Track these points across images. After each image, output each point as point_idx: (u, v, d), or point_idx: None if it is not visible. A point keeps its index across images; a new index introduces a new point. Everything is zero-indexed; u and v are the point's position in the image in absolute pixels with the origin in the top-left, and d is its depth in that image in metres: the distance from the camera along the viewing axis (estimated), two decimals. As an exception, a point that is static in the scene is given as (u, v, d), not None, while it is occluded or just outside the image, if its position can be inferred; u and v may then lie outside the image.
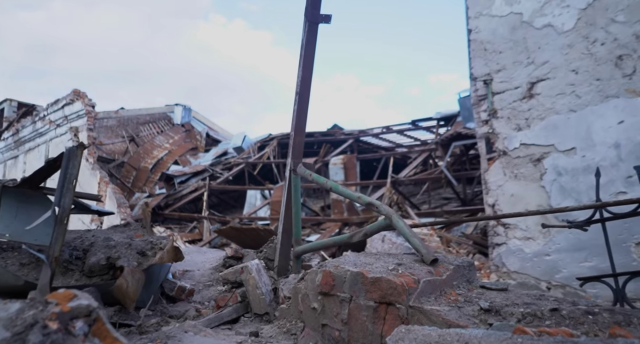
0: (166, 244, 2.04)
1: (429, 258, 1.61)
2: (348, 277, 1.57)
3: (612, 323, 1.16)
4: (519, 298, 1.47)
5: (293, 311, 1.77)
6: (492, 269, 5.43)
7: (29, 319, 0.94)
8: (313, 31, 2.26)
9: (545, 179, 4.98)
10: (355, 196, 1.95)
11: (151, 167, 17.19)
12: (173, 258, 2.06)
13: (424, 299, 1.47)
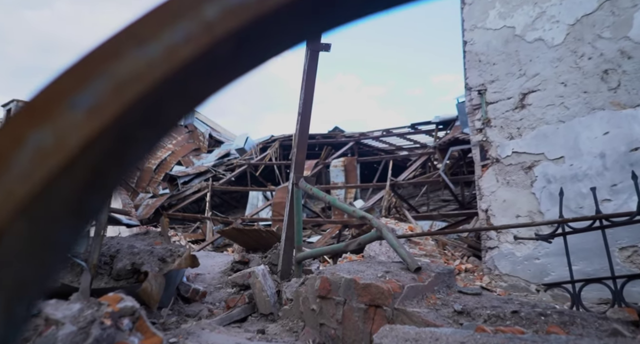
0: (184, 252, 2.30)
1: (414, 266, 1.85)
2: (343, 283, 1.81)
3: (559, 322, 1.41)
4: (489, 301, 1.72)
5: (294, 311, 2.02)
6: (485, 272, 5.67)
7: (89, 316, 1.19)
8: (314, 58, 2.51)
9: (535, 186, 5.21)
10: (350, 210, 2.19)
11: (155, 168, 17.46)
12: (190, 265, 2.31)
13: (407, 302, 1.71)
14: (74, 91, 0.25)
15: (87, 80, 0.25)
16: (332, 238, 8.31)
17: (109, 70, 0.26)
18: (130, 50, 0.26)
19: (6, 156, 0.22)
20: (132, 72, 0.26)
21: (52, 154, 0.23)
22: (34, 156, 0.23)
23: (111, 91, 0.25)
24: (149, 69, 0.26)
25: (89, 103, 0.25)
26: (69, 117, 0.24)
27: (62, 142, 0.24)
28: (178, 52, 0.26)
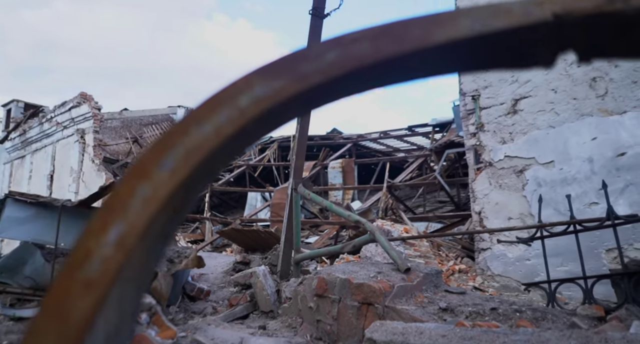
0: (190, 253, 2.45)
1: (403, 267, 2.00)
2: (338, 282, 1.96)
3: (532, 318, 1.56)
4: (471, 299, 1.87)
5: (293, 309, 2.16)
6: (478, 273, 5.83)
7: (112, 312, 1.33)
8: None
9: (526, 189, 5.37)
10: (346, 214, 2.34)
11: (154, 168, 17.58)
12: (196, 265, 2.46)
13: (397, 300, 1.86)
14: (161, 157, 0.40)
15: (169, 150, 0.40)
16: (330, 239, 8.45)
17: (181, 143, 0.41)
18: (193, 129, 0.42)
19: (126, 202, 0.37)
20: (195, 144, 0.41)
21: (152, 200, 0.38)
22: (142, 201, 0.38)
23: (183, 156, 0.40)
24: (205, 141, 0.41)
25: (171, 166, 0.40)
26: (160, 176, 0.39)
27: (157, 192, 0.38)
28: (223, 129, 0.42)
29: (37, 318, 0.31)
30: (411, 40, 0.44)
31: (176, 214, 0.41)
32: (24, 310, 2.15)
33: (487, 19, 0.43)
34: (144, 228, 0.37)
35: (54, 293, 0.32)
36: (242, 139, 0.44)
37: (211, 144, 0.42)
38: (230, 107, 0.43)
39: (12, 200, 2.76)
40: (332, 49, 0.46)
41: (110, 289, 0.32)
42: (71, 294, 0.31)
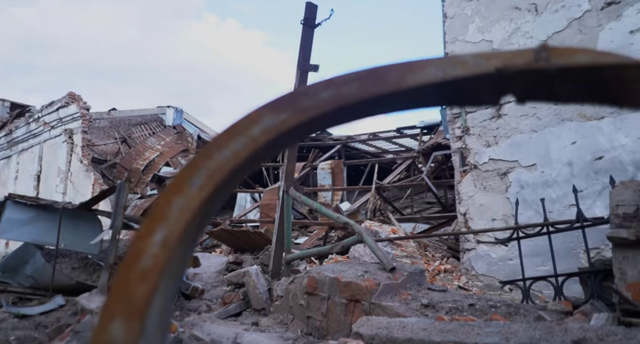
0: (186, 254, 2.52)
1: (389, 266, 2.12)
2: (327, 281, 2.07)
3: (505, 313, 1.69)
4: (452, 296, 1.99)
5: (284, 306, 2.27)
6: (463, 272, 5.99)
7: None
8: (304, 78, 2.78)
9: (510, 191, 5.55)
10: (335, 216, 2.46)
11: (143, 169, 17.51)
12: (192, 265, 2.56)
13: (383, 297, 1.98)
14: (191, 176, 0.51)
15: (197, 171, 0.51)
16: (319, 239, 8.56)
17: (206, 164, 0.52)
18: (215, 153, 0.53)
19: (166, 212, 0.48)
20: (217, 166, 0.52)
21: (186, 211, 0.49)
22: (178, 212, 0.48)
23: (208, 176, 0.51)
24: (225, 164, 0.52)
25: (199, 183, 0.51)
26: (191, 191, 0.50)
27: (189, 205, 0.49)
28: (239, 154, 0.53)
29: (108, 300, 0.41)
30: (389, 84, 0.56)
31: (203, 221, 0.51)
32: (28, 308, 2.22)
33: (447, 68, 0.55)
34: (181, 232, 0.48)
35: (120, 281, 0.42)
36: (254, 161, 0.55)
37: (230, 166, 0.53)
38: (245, 135, 0.54)
39: (12, 202, 2.82)
40: (326, 88, 0.57)
41: (161, 279, 0.43)
42: (132, 282, 0.42)
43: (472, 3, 6.00)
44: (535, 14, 5.36)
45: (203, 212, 0.52)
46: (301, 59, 2.79)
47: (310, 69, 2.82)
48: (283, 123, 0.55)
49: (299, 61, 2.79)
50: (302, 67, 2.80)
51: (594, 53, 0.47)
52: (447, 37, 6.30)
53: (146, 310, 0.41)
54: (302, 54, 2.80)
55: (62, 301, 2.29)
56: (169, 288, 0.47)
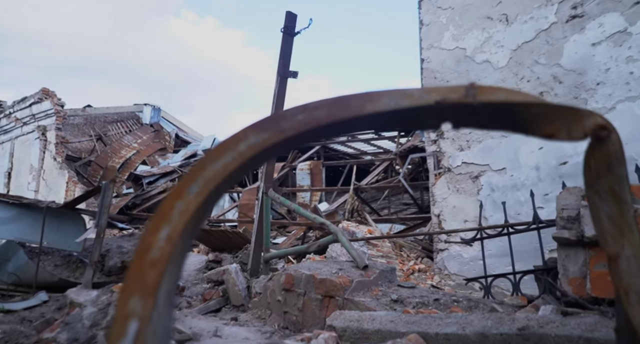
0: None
1: (362, 264, 2.26)
2: (303, 278, 2.19)
3: (466, 307, 1.84)
4: (419, 292, 2.14)
5: (263, 302, 2.37)
6: (436, 272, 6.20)
7: (105, 300, 1.53)
8: (283, 84, 2.89)
9: (481, 193, 5.78)
10: (312, 217, 2.58)
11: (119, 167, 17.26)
12: (174, 263, 2.62)
13: (355, 293, 2.11)
14: (189, 184, 0.62)
15: (194, 180, 0.63)
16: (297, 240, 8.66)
17: (201, 174, 0.63)
18: (209, 165, 0.64)
19: (169, 213, 0.59)
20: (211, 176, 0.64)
21: (185, 212, 0.60)
22: (179, 213, 0.59)
23: (204, 184, 0.63)
24: (217, 174, 0.64)
25: (196, 190, 0.62)
26: (189, 196, 0.61)
27: (188, 207, 0.60)
28: (229, 166, 0.64)
29: (126, 282, 0.52)
30: (352, 110, 0.69)
31: (199, 220, 0.63)
32: (12, 303, 2.26)
33: (398, 99, 0.68)
34: (182, 230, 0.59)
35: (134, 267, 0.53)
36: (241, 172, 0.67)
37: (221, 176, 0.65)
38: (234, 151, 0.66)
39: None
40: (301, 112, 0.70)
41: (167, 266, 0.54)
42: (145, 268, 0.53)
43: (447, 11, 6.22)
44: (506, 24, 5.60)
45: (199, 213, 0.63)
46: (281, 65, 2.90)
47: (289, 76, 2.94)
48: (265, 141, 0.67)
49: (279, 68, 2.91)
50: (281, 74, 2.91)
51: (508, 92, 0.61)
52: (423, 43, 6.51)
53: (157, 290, 0.52)
54: (282, 61, 2.91)
55: (46, 297, 2.34)
56: (173, 273, 0.58)
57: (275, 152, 0.69)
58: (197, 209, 0.62)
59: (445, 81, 6.22)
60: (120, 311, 0.50)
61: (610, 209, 0.53)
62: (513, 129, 0.63)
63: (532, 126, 0.60)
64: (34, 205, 2.91)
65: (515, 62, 5.53)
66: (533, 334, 1.28)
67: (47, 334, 1.36)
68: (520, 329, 1.30)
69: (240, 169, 0.66)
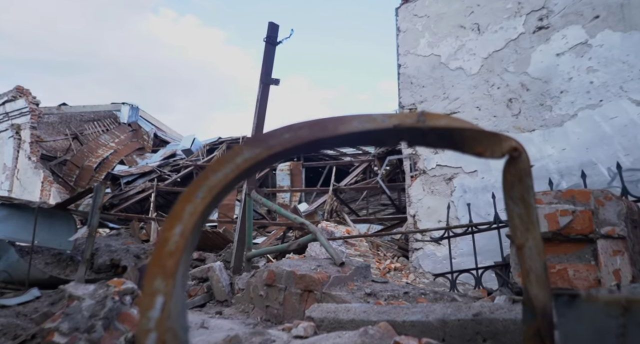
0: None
1: (339, 261, 2.42)
2: (284, 274, 2.34)
3: (432, 298, 2.03)
4: (391, 287, 2.32)
5: (246, 297, 2.51)
6: (411, 270, 6.43)
7: (102, 294, 1.65)
8: (266, 91, 3.03)
9: (454, 195, 6.03)
10: (292, 217, 2.72)
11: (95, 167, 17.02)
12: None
13: (332, 288, 2.27)
14: (196, 191, 0.77)
15: (199, 186, 0.78)
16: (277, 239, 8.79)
17: (205, 183, 0.79)
18: (211, 175, 0.80)
19: (180, 214, 0.74)
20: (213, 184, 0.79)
21: (194, 214, 0.75)
22: (189, 214, 0.74)
23: (207, 190, 0.78)
24: (218, 182, 0.79)
25: (201, 195, 0.77)
26: (196, 201, 0.76)
27: (196, 209, 0.75)
28: (228, 176, 0.80)
29: (150, 267, 0.67)
30: (328, 130, 0.85)
31: (204, 220, 0.78)
32: (6, 299, 2.33)
33: (365, 123, 0.84)
34: (191, 227, 0.74)
35: (156, 256, 0.68)
36: (238, 180, 0.82)
37: (222, 184, 0.80)
38: (232, 163, 0.81)
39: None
40: (287, 132, 0.86)
41: (182, 255, 0.69)
42: (164, 257, 0.67)
43: (422, 19, 6.46)
44: (478, 33, 5.87)
45: (204, 214, 0.78)
46: (264, 73, 3.05)
47: (272, 83, 3.09)
48: (257, 155, 0.82)
49: (261, 76, 3.06)
50: (264, 81, 3.06)
51: (449, 119, 0.78)
52: (400, 49, 6.73)
53: (175, 273, 0.67)
54: (264, 69, 3.06)
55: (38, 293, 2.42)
56: (186, 260, 0.73)
57: (266, 164, 0.85)
58: (203, 211, 0.77)
59: (421, 86, 6.46)
60: (148, 289, 0.64)
61: (520, 211, 0.71)
62: (452, 148, 0.80)
63: (466, 146, 0.77)
64: (25, 205, 2.98)
65: (486, 69, 5.80)
66: (485, 319, 1.47)
67: (49, 324, 1.47)
68: (475, 315, 1.49)
69: (237, 178, 0.81)
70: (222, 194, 0.82)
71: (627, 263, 1.50)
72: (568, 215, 1.59)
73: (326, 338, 1.52)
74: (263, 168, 0.88)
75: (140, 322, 0.62)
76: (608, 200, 1.60)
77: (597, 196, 1.61)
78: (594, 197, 1.60)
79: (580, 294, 0.59)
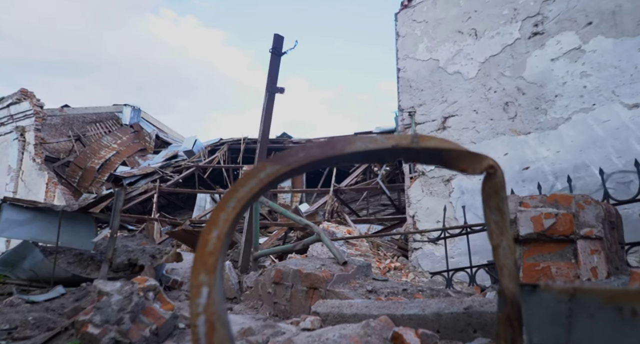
0: (170, 250, 2.89)
1: (342, 261, 2.58)
2: (291, 272, 2.50)
3: (429, 295, 2.18)
4: (391, 284, 2.48)
5: (254, 295, 2.67)
6: (411, 269, 6.58)
7: (128, 290, 1.80)
8: (271, 99, 3.19)
9: (452, 196, 6.19)
10: (297, 219, 2.88)
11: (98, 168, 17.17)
12: (175, 260, 2.91)
13: (336, 285, 2.43)
14: (228, 201, 0.93)
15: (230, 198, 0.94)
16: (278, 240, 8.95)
17: (235, 195, 0.95)
18: (240, 188, 0.96)
19: (217, 222, 0.90)
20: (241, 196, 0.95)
21: (227, 221, 0.91)
22: (223, 221, 0.90)
23: (237, 201, 0.94)
24: (245, 195, 0.95)
25: (232, 205, 0.93)
26: (228, 210, 0.92)
27: (228, 217, 0.91)
28: (253, 189, 0.96)
29: (195, 265, 0.83)
30: (337, 150, 1.01)
31: (235, 225, 0.94)
32: (35, 296, 2.49)
33: (368, 143, 1.00)
34: (226, 232, 0.90)
35: (199, 254, 0.84)
36: (262, 192, 0.98)
37: (248, 195, 0.96)
38: (256, 178, 0.97)
39: (9, 205, 3.07)
40: (302, 151, 1.02)
41: (219, 254, 0.84)
42: (205, 256, 0.83)
43: (421, 24, 6.62)
44: (475, 38, 6.03)
45: (235, 221, 0.94)
46: (269, 82, 3.21)
47: (277, 92, 3.25)
48: (278, 171, 0.98)
49: (267, 85, 3.22)
50: (270, 90, 3.22)
51: (438, 141, 0.94)
52: (399, 53, 6.89)
53: (215, 269, 0.82)
54: (270, 79, 3.22)
55: (63, 290, 2.57)
56: (222, 258, 0.89)
57: (285, 178, 1.01)
58: (234, 218, 0.93)
59: (420, 90, 6.61)
60: (194, 282, 0.80)
61: (495, 217, 0.86)
62: (441, 165, 0.95)
63: (452, 164, 0.93)
64: (48, 208, 3.15)
65: (483, 73, 5.96)
66: (475, 312, 1.63)
67: (82, 317, 1.62)
68: (466, 309, 1.65)
69: (261, 191, 0.97)
70: (249, 204, 0.98)
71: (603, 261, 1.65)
72: (552, 218, 1.74)
73: (332, 329, 1.68)
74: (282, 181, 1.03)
75: (191, 308, 0.77)
76: (588, 204, 1.75)
77: (578, 200, 1.77)
78: (575, 202, 1.76)
79: (540, 284, 0.74)
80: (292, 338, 1.57)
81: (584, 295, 0.67)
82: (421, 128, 6.58)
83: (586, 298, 0.66)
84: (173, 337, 1.75)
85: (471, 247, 6.19)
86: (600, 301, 0.64)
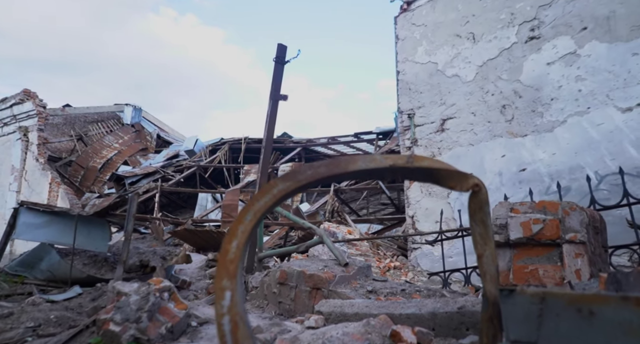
0: (180, 252, 3.02)
1: (343, 262, 2.71)
2: (295, 273, 2.62)
3: (426, 295, 2.31)
4: (390, 284, 2.60)
5: (260, 294, 2.80)
6: (410, 269, 6.71)
7: (145, 290, 1.92)
8: (275, 106, 3.31)
9: (451, 197, 6.31)
10: (301, 222, 3.00)
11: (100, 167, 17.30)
12: (185, 261, 3.04)
13: (338, 285, 2.56)
14: (246, 214, 1.06)
15: (248, 211, 1.06)
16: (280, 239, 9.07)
17: (252, 208, 1.07)
18: (255, 203, 1.08)
19: (236, 233, 1.02)
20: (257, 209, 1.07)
21: (245, 232, 1.03)
22: (241, 232, 1.02)
23: (254, 214, 1.07)
24: (261, 208, 1.08)
25: (249, 218, 1.06)
26: (246, 222, 1.05)
27: (246, 228, 1.04)
28: (267, 203, 1.09)
29: (218, 271, 0.95)
30: (341, 168, 1.13)
31: (251, 236, 1.06)
32: (55, 295, 2.61)
33: (368, 162, 1.13)
34: (244, 242, 1.03)
35: (221, 262, 0.96)
36: (275, 205, 1.10)
37: (263, 209, 1.09)
38: (270, 193, 1.09)
39: (26, 208, 3.20)
40: (310, 169, 1.14)
41: (239, 262, 0.96)
42: (227, 263, 0.95)
43: (420, 28, 6.73)
44: (473, 41, 6.14)
45: (252, 232, 1.06)
46: (273, 90, 3.34)
47: (280, 99, 3.37)
48: (288, 187, 1.10)
49: (271, 92, 3.35)
50: (273, 98, 3.35)
51: (431, 161, 1.06)
52: (399, 56, 7.00)
53: (236, 275, 0.95)
54: (273, 86, 3.34)
55: (80, 290, 2.70)
56: (241, 266, 1.01)
57: (295, 193, 1.13)
58: (250, 229, 1.05)
59: (419, 92, 6.73)
60: (218, 286, 0.92)
61: (480, 230, 0.99)
62: (433, 183, 1.08)
63: (442, 181, 1.05)
64: (64, 212, 3.29)
65: (481, 77, 6.08)
66: (468, 312, 1.76)
67: (104, 316, 1.75)
68: (459, 308, 1.78)
69: (274, 204, 1.09)
70: (263, 216, 1.10)
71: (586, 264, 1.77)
72: (539, 223, 1.86)
73: (335, 328, 1.81)
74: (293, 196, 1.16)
75: (216, 309, 0.89)
76: (573, 210, 1.87)
77: (564, 206, 1.89)
78: (561, 208, 1.88)
79: (516, 288, 0.86)
80: (298, 336, 1.69)
81: (551, 298, 0.79)
82: (420, 130, 6.70)
83: (553, 300, 0.79)
84: (187, 334, 1.88)
85: (467, 249, 6.32)
86: (565, 303, 0.77)
